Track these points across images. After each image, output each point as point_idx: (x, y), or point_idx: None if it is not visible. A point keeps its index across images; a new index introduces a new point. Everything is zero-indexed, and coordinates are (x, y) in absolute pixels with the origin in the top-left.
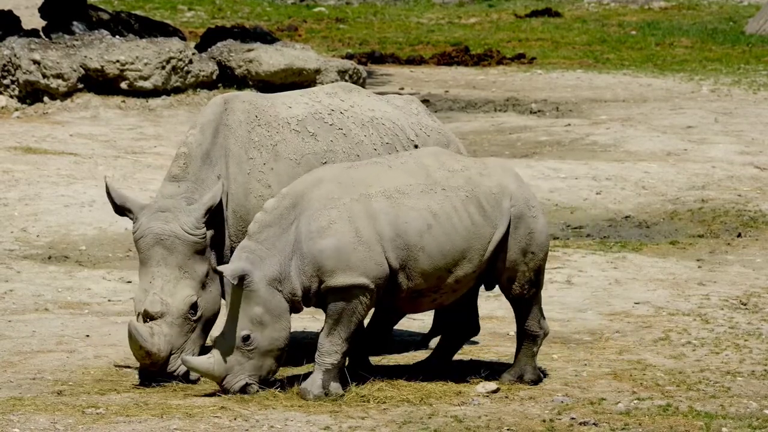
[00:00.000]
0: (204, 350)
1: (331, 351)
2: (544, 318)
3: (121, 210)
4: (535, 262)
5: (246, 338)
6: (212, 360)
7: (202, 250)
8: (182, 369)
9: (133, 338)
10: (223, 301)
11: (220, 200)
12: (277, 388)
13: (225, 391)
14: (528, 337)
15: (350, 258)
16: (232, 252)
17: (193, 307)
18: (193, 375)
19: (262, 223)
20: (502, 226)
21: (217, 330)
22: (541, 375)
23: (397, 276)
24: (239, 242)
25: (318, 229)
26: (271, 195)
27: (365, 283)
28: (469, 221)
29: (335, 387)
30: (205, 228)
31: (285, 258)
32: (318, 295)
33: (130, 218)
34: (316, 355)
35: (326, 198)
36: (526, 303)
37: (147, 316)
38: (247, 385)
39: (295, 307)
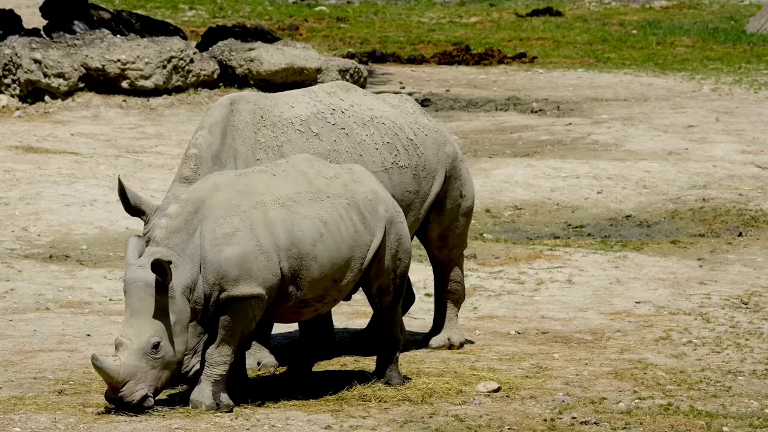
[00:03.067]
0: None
1: (220, 362)
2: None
3: (135, 210)
4: (401, 268)
5: (156, 346)
6: (118, 363)
7: None
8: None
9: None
10: None
11: None
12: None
13: (119, 400)
14: (392, 344)
15: (252, 267)
16: None
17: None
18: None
19: (169, 228)
20: (379, 232)
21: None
22: (404, 380)
23: (288, 286)
24: None
25: (223, 236)
26: None
27: (262, 293)
28: (353, 229)
29: (225, 398)
30: None
31: (195, 265)
32: (216, 305)
33: (143, 219)
34: (204, 366)
35: (227, 205)
36: (391, 310)
37: None
38: (146, 396)
39: (195, 318)
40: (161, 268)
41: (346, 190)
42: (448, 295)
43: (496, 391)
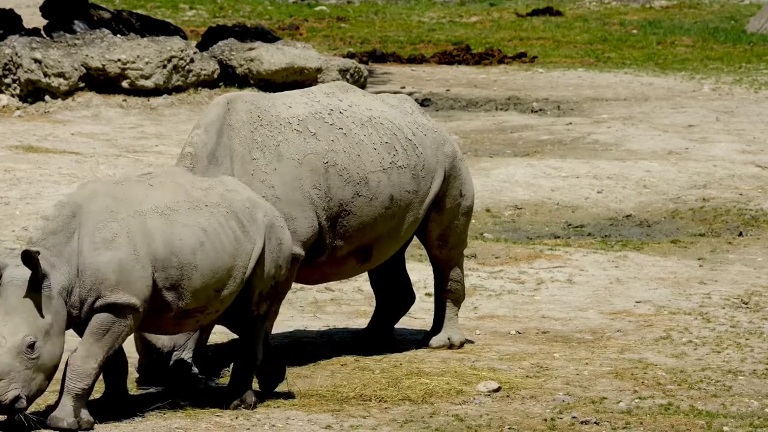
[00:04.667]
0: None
1: (84, 375)
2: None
3: None
4: (281, 274)
5: (32, 345)
6: None
7: None
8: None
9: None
10: None
11: None
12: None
13: None
14: (252, 360)
15: (130, 275)
16: None
17: None
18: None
19: (46, 229)
20: (259, 240)
21: None
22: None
23: (167, 296)
24: None
25: (102, 240)
26: (275, 195)
27: (137, 304)
28: (233, 237)
29: (85, 414)
30: None
31: (72, 268)
32: (90, 311)
33: None
34: (66, 379)
35: (106, 211)
36: (262, 320)
37: None
38: (18, 398)
39: (72, 323)
40: (31, 259)
41: (223, 199)
42: (448, 294)
43: (497, 390)
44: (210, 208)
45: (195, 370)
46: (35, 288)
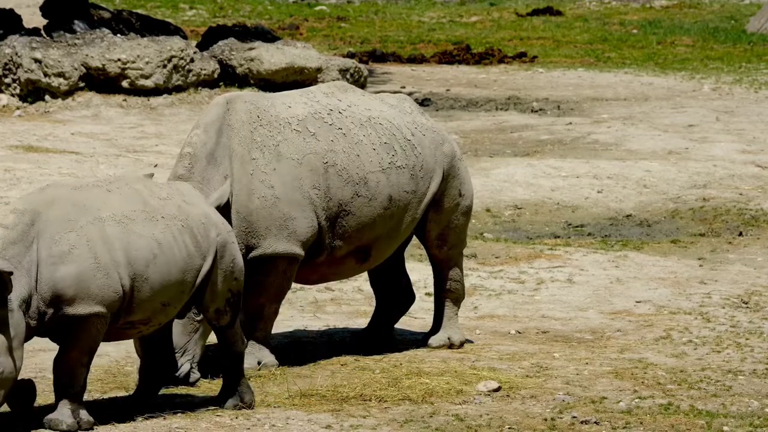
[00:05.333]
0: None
1: (70, 377)
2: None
3: None
4: (237, 288)
5: None
6: None
7: None
8: (184, 369)
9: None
10: None
11: (227, 200)
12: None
13: None
14: (237, 359)
15: (90, 286)
16: None
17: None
18: (192, 378)
19: (6, 239)
20: (210, 257)
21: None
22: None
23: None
24: (242, 243)
25: (59, 254)
26: (274, 195)
27: (103, 312)
28: (185, 252)
29: (84, 414)
30: None
31: (31, 279)
32: (54, 322)
33: None
34: (55, 383)
35: (64, 220)
36: (230, 327)
37: None
38: None
39: (30, 334)
40: (1, 280)
41: (180, 211)
42: (447, 294)
43: (497, 390)
44: (166, 220)
45: (195, 375)
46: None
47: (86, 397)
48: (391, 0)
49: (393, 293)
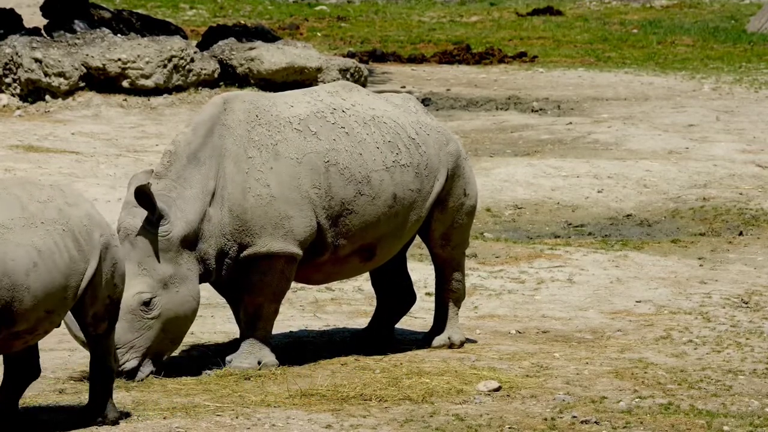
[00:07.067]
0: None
1: None
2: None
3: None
4: (117, 294)
5: None
6: None
7: (168, 249)
8: (129, 365)
9: (68, 326)
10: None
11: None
12: None
13: None
14: (108, 374)
15: None
16: (223, 254)
17: (146, 304)
18: (141, 374)
19: None
20: (93, 260)
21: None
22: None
23: None
24: (235, 242)
25: None
26: (270, 194)
27: None
28: (68, 257)
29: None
30: (170, 228)
31: None
32: None
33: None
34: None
35: None
36: (105, 337)
37: None
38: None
39: None
40: None
41: (61, 215)
42: (449, 294)
43: (497, 390)
44: (46, 225)
45: (147, 370)
46: None
47: (87, 397)
48: (391, 0)
49: (394, 293)
